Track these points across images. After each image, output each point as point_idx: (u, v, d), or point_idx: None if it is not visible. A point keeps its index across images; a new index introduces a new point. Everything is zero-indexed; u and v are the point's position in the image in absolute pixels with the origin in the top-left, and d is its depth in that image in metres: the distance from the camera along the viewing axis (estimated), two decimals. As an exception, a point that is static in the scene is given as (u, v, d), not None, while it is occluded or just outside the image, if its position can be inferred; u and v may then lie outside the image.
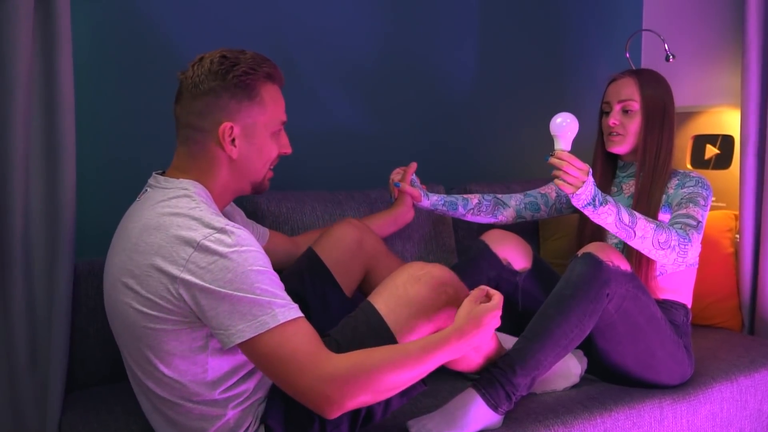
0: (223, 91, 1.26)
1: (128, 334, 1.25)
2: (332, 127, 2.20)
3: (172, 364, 1.22)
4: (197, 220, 1.18)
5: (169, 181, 1.28)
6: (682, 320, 1.79)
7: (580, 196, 1.54)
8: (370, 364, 1.16)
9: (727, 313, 2.16)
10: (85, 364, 1.68)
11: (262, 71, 1.30)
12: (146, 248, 1.19)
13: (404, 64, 2.31)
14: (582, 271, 1.55)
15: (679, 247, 1.60)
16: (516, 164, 2.55)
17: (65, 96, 1.55)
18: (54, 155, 1.56)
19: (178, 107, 1.31)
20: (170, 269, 1.15)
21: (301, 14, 2.11)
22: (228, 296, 1.13)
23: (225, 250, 1.14)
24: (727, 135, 2.40)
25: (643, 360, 1.65)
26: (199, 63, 1.28)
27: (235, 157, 1.29)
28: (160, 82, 1.88)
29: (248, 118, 1.29)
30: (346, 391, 1.14)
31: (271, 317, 1.13)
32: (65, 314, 1.58)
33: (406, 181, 1.87)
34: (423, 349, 1.21)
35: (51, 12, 1.51)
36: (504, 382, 1.48)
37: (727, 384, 1.76)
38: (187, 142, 1.30)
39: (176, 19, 1.93)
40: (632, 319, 1.61)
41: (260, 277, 1.15)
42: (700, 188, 1.75)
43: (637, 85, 1.80)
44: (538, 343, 1.51)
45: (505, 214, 1.98)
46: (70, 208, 1.57)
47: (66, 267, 1.57)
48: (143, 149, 1.91)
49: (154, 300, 1.18)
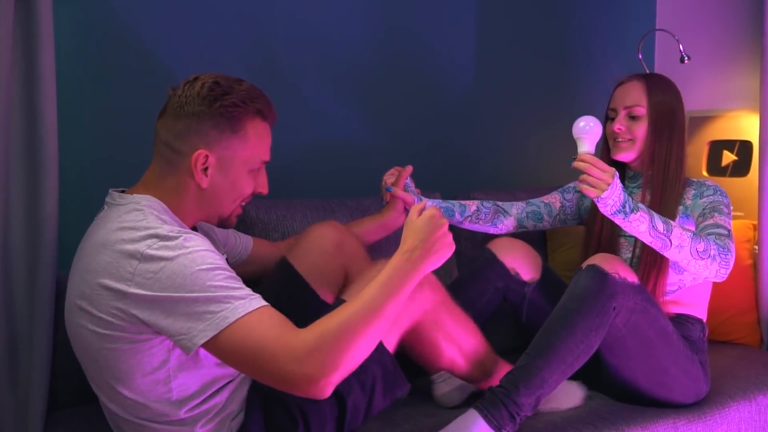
0: (206, 117, 1.25)
1: (87, 357, 1.24)
2: (325, 132, 2.19)
3: (133, 385, 1.21)
4: (141, 230, 1.17)
5: (124, 197, 1.27)
6: (698, 336, 1.75)
7: (606, 201, 1.50)
8: (336, 324, 1.14)
9: (745, 329, 2.14)
10: (68, 382, 1.65)
11: (253, 106, 1.29)
12: (96, 267, 1.18)
13: (401, 67, 2.30)
14: (587, 283, 1.53)
15: (720, 257, 1.57)
16: (521, 172, 2.54)
17: (47, 99, 1.52)
18: (35, 161, 1.53)
19: (160, 123, 1.30)
20: (118, 286, 1.14)
21: (290, 12, 2.09)
22: (182, 299, 1.12)
23: (170, 254, 1.13)
24: (745, 140, 2.39)
25: (654, 376, 1.62)
26: (191, 83, 1.28)
27: (204, 187, 1.28)
28: (147, 85, 1.87)
29: (227, 150, 1.28)
30: (325, 363, 1.11)
31: (230, 311, 1.11)
32: (47, 329, 1.55)
33: (399, 186, 1.81)
34: (378, 289, 1.19)
35: (32, 11, 1.49)
36: (507, 402, 1.45)
37: (745, 403, 1.74)
38: (160, 160, 1.29)
39: (161, 18, 1.91)
40: (642, 333, 1.58)
41: (211, 274, 1.13)
42: (719, 196, 1.73)
43: (644, 89, 1.78)
44: (542, 360, 1.48)
45: (506, 223, 1.93)
46: (52, 217, 1.55)
47: (47, 280, 1.54)
48: (130, 155, 1.88)
49: (106, 319, 1.17)
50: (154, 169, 1.30)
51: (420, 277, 1.22)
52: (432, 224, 1.23)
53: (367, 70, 2.23)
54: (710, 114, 2.47)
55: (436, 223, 1.23)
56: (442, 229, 1.24)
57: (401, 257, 1.22)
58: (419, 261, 1.21)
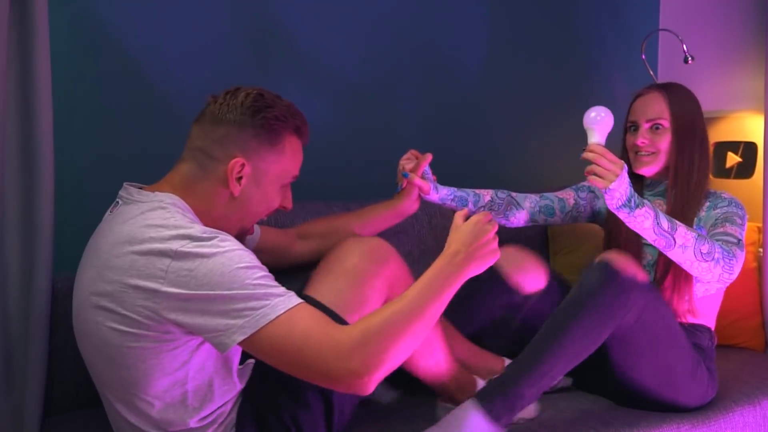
0: (247, 127, 1.27)
1: (101, 357, 1.23)
2: (329, 133, 2.16)
3: (150, 386, 1.20)
4: (171, 229, 1.16)
5: (143, 194, 1.25)
6: (708, 344, 1.75)
7: (613, 193, 1.50)
8: (378, 321, 1.15)
9: (749, 333, 2.12)
10: (64, 387, 1.64)
11: (293, 122, 1.32)
12: (121, 265, 1.16)
13: (407, 67, 2.28)
14: (597, 278, 1.53)
15: (723, 261, 1.57)
16: (528, 173, 2.52)
17: (43, 100, 1.51)
18: (31, 163, 1.52)
19: (197, 127, 1.30)
20: (149, 284, 1.13)
21: (291, 13, 2.08)
22: (219, 297, 1.11)
23: (207, 252, 1.13)
24: (749, 142, 2.37)
25: (660, 375, 1.61)
26: (233, 93, 1.30)
27: (236, 195, 1.28)
28: (143, 86, 1.88)
29: (263, 161, 1.29)
30: (369, 359, 1.12)
31: (270, 308, 1.11)
32: (42, 333, 1.54)
33: (417, 173, 1.78)
34: (419, 289, 1.21)
35: (27, 12, 1.48)
36: (508, 392, 1.45)
37: (750, 408, 1.72)
38: (192, 164, 1.29)
39: (157, 20, 1.91)
40: (651, 331, 1.58)
41: (249, 272, 1.13)
42: (734, 208, 1.73)
43: (666, 101, 1.76)
44: (546, 352, 1.48)
45: (518, 217, 1.89)
46: (48, 219, 1.54)
47: (43, 282, 1.54)
48: (127, 157, 1.89)
49: (133, 317, 1.15)
50: (183, 171, 1.29)
51: (462, 281, 1.23)
52: (477, 229, 1.25)
53: (373, 73, 2.23)
54: (714, 115, 2.46)
55: (481, 228, 1.25)
56: (487, 235, 1.25)
57: (444, 260, 1.23)
58: (461, 265, 1.23)
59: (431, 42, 2.32)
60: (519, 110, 2.50)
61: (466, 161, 2.39)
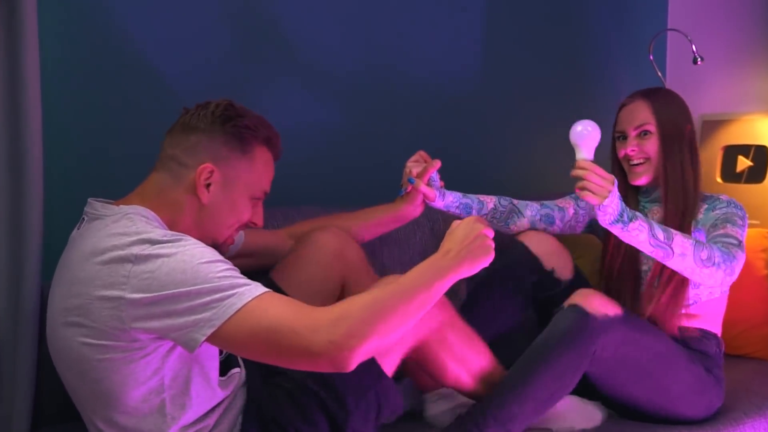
0: (218, 134, 1.30)
1: (74, 374, 1.24)
2: (325, 137, 2.16)
3: (125, 395, 1.20)
4: (132, 235, 1.17)
5: (108, 208, 1.27)
6: (715, 351, 1.75)
7: (606, 209, 1.50)
8: (364, 298, 1.16)
9: (759, 342, 2.11)
10: (54, 398, 1.61)
11: (264, 132, 1.34)
12: (85, 277, 1.17)
13: (404, 70, 2.28)
14: (567, 324, 1.54)
15: (724, 264, 1.57)
16: (529, 178, 2.52)
17: (31, 102, 1.49)
18: (19, 167, 1.50)
19: (169, 137, 1.33)
20: (113, 293, 1.14)
21: (289, 14, 2.07)
22: (183, 294, 1.10)
23: (167, 252, 1.13)
24: (760, 145, 2.38)
25: (655, 397, 1.63)
26: (204, 104, 1.33)
27: (205, 203, 1.29)
28: (134, 88, 1.88)
29: (233, 169, 1.31)
30: (350, 330, 1.10)
31: (237, 298, 1.11)
32: (31, 342, 1.52)
33: (423, 180, 1.76)
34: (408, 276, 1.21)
35: (15, 11, 1.46)
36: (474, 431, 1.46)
37: (760, 419, 1.72)
38: (163, 173, 1.31)
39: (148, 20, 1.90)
40: (634, 363, 1.59)
41: (213, 266, 1.13)
42: (734, 209, 1.73)
43: (650, 107, 1.77)
44: (514, 393, 1.50)
45: (519, 225, 1.91)
46: (37, 224, 1.52)
47: (32, 289, 1.51)
48: (117, 161, 1.87)
49: (101, 328, 1.16)
50: (154, 181, 1.31)
51: (455, 278, 1.23)
52: (468, 227, 1.26)
53: (371, 76, 2.22)
54: (724, 118, 2.47)
55: (473, 226, 1.26)
56: (478, 232, 1.26)
57: (436, 255, 1.25)
58: (453, 260, 1.23)
59: (431, 42, 2.32)
60: (522, 112, 2.50)
61: (467, 164, 2.38)
